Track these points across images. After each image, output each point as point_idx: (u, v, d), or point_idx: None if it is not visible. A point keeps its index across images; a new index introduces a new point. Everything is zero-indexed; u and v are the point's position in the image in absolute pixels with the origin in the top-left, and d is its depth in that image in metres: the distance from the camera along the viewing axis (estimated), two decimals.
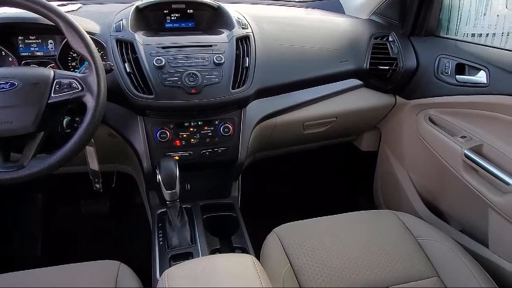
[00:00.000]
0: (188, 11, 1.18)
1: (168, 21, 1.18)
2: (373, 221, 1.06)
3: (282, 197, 1.66)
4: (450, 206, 1.26)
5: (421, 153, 1.28)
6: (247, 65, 1.06)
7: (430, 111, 1.25)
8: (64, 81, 0.81)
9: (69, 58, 1.06)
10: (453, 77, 1.13)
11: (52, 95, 0.79)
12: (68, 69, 1.06)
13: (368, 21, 1.40)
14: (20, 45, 1.04)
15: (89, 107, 0.79)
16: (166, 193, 0.92)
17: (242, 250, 1.04)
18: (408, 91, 1.30)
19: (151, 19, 1.16)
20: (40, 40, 1.04)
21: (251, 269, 0.68)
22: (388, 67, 1.26)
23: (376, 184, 1.64)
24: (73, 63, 1.07)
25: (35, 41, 1.04)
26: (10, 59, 1.03)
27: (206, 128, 1.07)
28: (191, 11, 1.18)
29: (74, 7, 1.18)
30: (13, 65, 1.03)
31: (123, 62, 0.99)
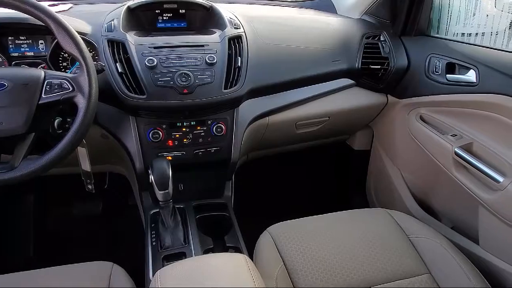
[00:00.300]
0: (180, 11, 1.18)
1: (160, 21, 1.18)
2: (366, 219, 1.07)
3: (276, 197, 1.66)
4: (442, 204, 1.27)
5: (413, 152, 1.29)
6: (239, 65, 1.06)
7: (421, 110, 1.26)
8: (55, 82, 0.80)
9: (60, 59, 1.05)
10: (444, 76, 1.15)
11: (43, 96, 0.79)
12: (60, 70, 1.05)
13: (360, 21, 1.41)
14: (10, 46, 1.03)
15: (80, 108, 0.79)
16: (159, 194, 0.92)
17: (236, 250, 1.04)
18: (400, 90, 1.31)
19: (143, 19, 1.16)
20: (31, 41, 1.04)
21: (244, 269, 0.68)
22: (380, 67, 1.27)
23: (369, 183, 1.65)
24: (64, 64, 1.06)
25: (26, 42, 1.03)
26: (0, 60, 1.02)
27: (199, 128, 1.07)
28: (183, 11, 1.18)
29: (65, 7, 1.17)
30: (3, 66, 1.02)
31: (115, 62, 0.99)
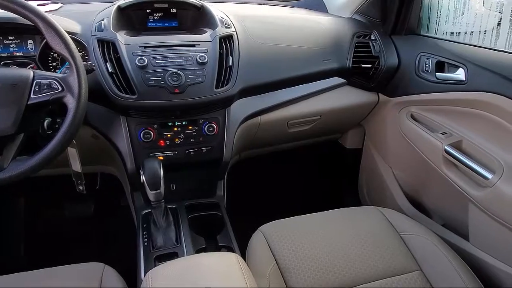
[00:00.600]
0: (171, 11, 1.17)
1: (151, 21, 1.17)
2: (358, 217, 1.08)
3: (269, 196, 1.66)
4: (433, 201, 1.28)
5: (404, 150, 1.30)
6: (231, 64, 1.06)
7: (412, 108, 1.27)
8: (44, 82, 0.80)
9: (50, 59, 1.04)
10: (433, 75, 1.16)
11: (32, 96, 0.78)
12: (49, 70, 1.04)
13: (351, 20, 1.41)
14: None
15: (70, 108, 0.78)
16: (151, 194, 0.92)
17: (228, 249, 1.04)
18: (391, 89, 1.32)
19: (134, 19, 1.15)
20: (19, 41, 1.02)
21: (236, 267, 0.68)
22: (371, 65, 1.28)
23: (361, 181, 1.66)
24: (54, 64, 1.05)
25: (14, 42, 1.02)
26: None
27: (191, 128, 1.07)
28: (174, 11, 1.17)
29: (55, 7, 1.16)
30: None
31: (105, 62, 0.98)
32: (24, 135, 0.80)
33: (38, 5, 1.17)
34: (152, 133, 1.03)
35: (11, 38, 1.02)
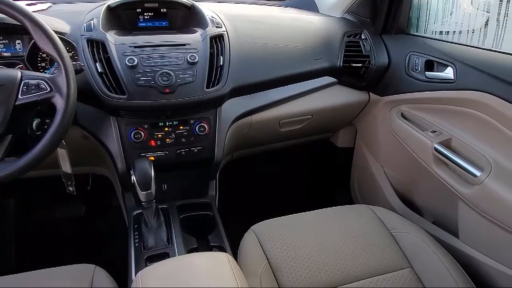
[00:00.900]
0: (162, 10, 1.17)
1: (141, 20, 1.17)
2: (349, 216, 1.08)
3: (261, 195, 1.67)
4: (423, 199, 1.29)
5: (395, 148, 1.31)
6: (221, 64, 1.06)
7: (402, 107, 1.28)
8: (32, 82, 0.79)
9: (39, 59, 1.03)
10: (423, 74, 1.17)
11: (20, 97, 0.77)
12: (38, 70, 1.03)
13: (341, 20, 1.42)
14: None
15: (59, 108, 0.78)
16: (141, 194, 0.91)
17: (220, 249, 1.04)
18: (381, 88, 1.33)
19: (124, 18, 1.15)
20: (7, 41, 1.01)
21: (226, 267, 0.68)
22: (361, 65, 1.28)
23: (353, 180, 1.67)
24: (43, 64, 1.04)
25: (2, 42, 1.01)
26: None
27: (182, 128, 1.07)
28: (165, 10, 1.17)
29: (44, 6, 1.15)
30: None
31: (95, 62, 0.97)
32: (12, 136, 0.80)
33: (27, 5, 1.16)
34: (143, 133, 1.03)
35: None
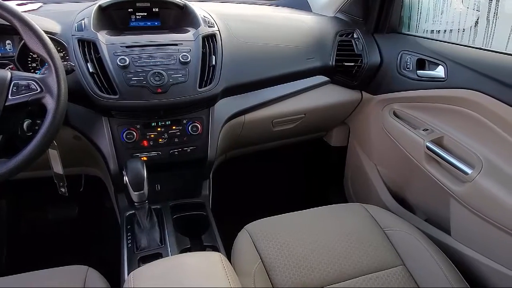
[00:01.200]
0: (154, 10, 1.16)
1: (133, 20, 1.16)
2: (342, 214, 1.09)
3: (254, 195, 1.67)
4: (416, 197, 1.30)
5: (388, 147, 1.32)
6: (214, 64, 1.06)
7: (395, 106, 1.29)
8: (22, 83, 0.78)
9: (29, 59, 1.03)
10: (415, 72, 1.17)
11: (10, 97, 0.77)
12: (29, 71, 1.03)
13: (334, 19, 1.42)
14: None
15: (49, 109, 0.77)
16: (134, 195, 0.91)
17: (213, 249, 1.03)
18: (373, 87, 1.34)
19: (116, 18, 1.14)
20: None
21: (219, 267, 0.68)
22: (353, 64, 1.29)
23: (346, 178, 1.68)
24: (34, 64, 1.03)
25: None
26: None
27: (174, 128, 1.06)
28: (157, 10, 1.17)
29: (34, 6, 1.14)
30: None
31: (86, 62, 0.97)
32: (3, 137, 0.79)
33: (18, 5, 1.15)
34: (135, 134, 1.03)
35: None
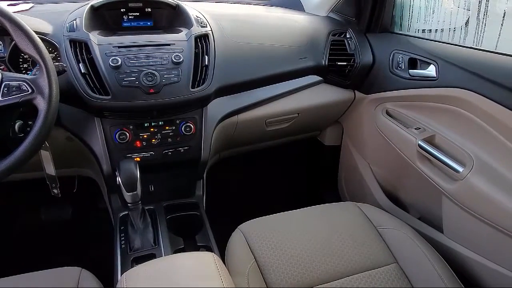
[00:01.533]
0: (146, 10, 1.16)
1: (126, 20, 1.16)
2: (335, 213, 1.09)
3: (248, 195, 1.67)
4: (409, 196, 1.31)
5: (381, 146, 1.33)
6: (207, 64, 1.06)
7: (387, 105, 1.29)
8: (13, 84, 0.78)
9: (21, 60, 1.02)
10: (407, 72, 1.18)
11: (0, 99, 0.76)
12: (20, 72, 1.02)
13: (327, 18, 1.43)
14: None
15: (41, 110, 0.77)
16: (127, 195, 0.91)
17: (207, 249, 1.04)
18: (366, 86, 1.34)
19: (108, 18, 1.14)
20: None
21: (212, 267, 0.68)
22: (346, 63, 1.29)
23: (340, 178, 1.68)
24: (25, 65, 1.02)
25: None
26: None
27: (167, 128, 1.06)
28: (149, 10, 1.16)
29: (26, 7, 1.14)
30: None
31: (78, 63, 0.97)
32: None
33: (9, 5, 1.14)
34: (128, 134, 1.02)
35: None
